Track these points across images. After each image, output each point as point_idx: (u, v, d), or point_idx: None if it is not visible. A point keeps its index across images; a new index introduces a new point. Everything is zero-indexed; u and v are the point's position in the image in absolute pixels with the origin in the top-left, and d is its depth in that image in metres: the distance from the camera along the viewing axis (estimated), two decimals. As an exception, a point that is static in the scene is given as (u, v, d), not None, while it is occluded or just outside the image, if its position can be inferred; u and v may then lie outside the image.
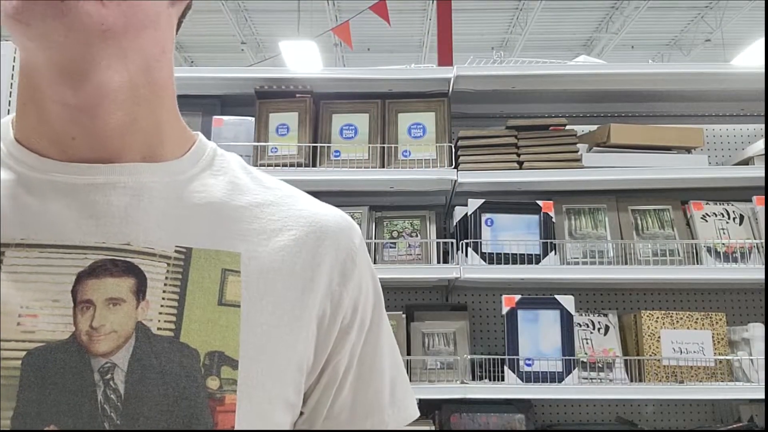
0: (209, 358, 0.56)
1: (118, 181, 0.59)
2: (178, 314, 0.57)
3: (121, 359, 0.54)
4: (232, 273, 0.60)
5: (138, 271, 0.57)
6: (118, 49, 0.56)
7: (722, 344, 2.17)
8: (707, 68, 2.39)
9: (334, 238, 0.66)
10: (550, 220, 2.25)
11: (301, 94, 2.37)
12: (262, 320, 0.60)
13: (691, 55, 10.49)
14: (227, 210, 0.63)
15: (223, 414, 0.56)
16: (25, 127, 0.60)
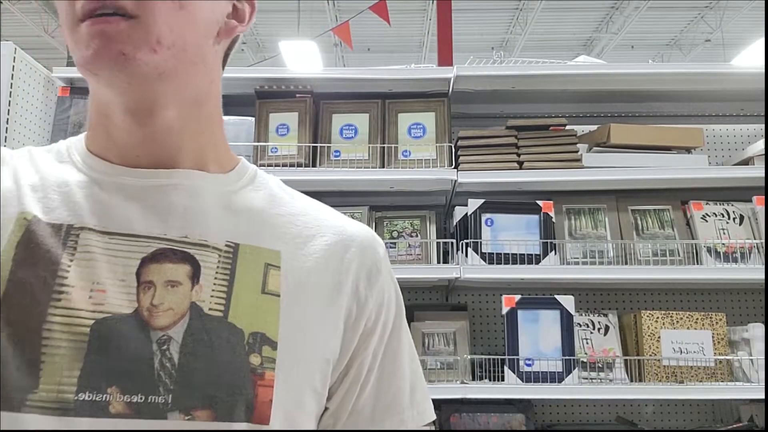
0: (252, 338, 0.64)
1: (178, 183, 0.69)
2: (226, 298, 0.65)
3: (176, 333, 0.62)
4: (273, 267, 0.69)
5: (193, 259, 0.65)
6: (174, 88, 0.66)
7: (722, 344, 2.17)
8: (707, 68, 2.39)
9: (360, 246, 0.75)
10: (550, 220, 2.25)
11: (301, 94, 2.37)
12: (297, 310, 0.68)
13: (691, 55, 10.49)
14: (267, 216, 0.72)
15: (263, 388, 0.63)
16: (96, 143, 0.70)
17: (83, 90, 2.37)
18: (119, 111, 0.66)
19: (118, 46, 0.61)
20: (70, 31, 0.62)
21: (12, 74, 2.12)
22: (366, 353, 0.73)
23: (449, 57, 5.61)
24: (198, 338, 0.62)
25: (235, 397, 0.61)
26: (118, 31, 0.60)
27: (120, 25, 0.60)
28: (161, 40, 0.62)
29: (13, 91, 2.11)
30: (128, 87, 0.64)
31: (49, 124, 2.31)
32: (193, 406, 0.60)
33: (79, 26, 0.61)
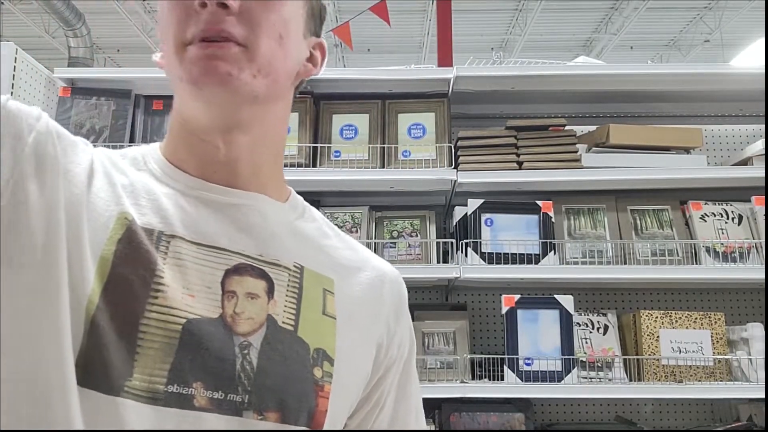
0: (316, 353, 0.71)
1: (252, 205, 0.75)
2: (296, 314, 0.72)
3: (255, 340, 0.68)
4: (329, 293, 0.76)
5: (268, 276, 0.72)
6: (260, 114, 0.73)
7: (721, 344, 2.18)
8: (706, 69, 2.39)
9: (391, 284, 0.84)
10: (550, 220, 2.25)
11: (301, 94, 2.37)
12: (348, 333, 0.76)
13: (690, 56, 10.49)
14: (320, 246, 0.80)
15: (322, 398, 0.70)
16: (175, 154, 0.75)
17: (84, 90, 2.38)
18: (207, 127, 0.72)
19: (227, 67, 0.67)
20: (176, 51, 0.68)
21: (13, 75, 2.12)
22: (388, 380, 0.81)
23: (449, 57, 5.61)
24: (273, 347, 0.69)
25: (301, 403, 0.68)
26: (229, 54, 0.67)
27: (231, 49, 0.68)
28: (261, 69, 0.70)
29: (14, 92, 2.12)
30: (224, 105, 0.70)
31: (50, 125, 2.31)
32: (266, 408, 0.67)
33: (187, 48, 0.68)
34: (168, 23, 0.69)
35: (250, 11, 0.69)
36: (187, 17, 0.68)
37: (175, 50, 0.69)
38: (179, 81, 0.69)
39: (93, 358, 0.61)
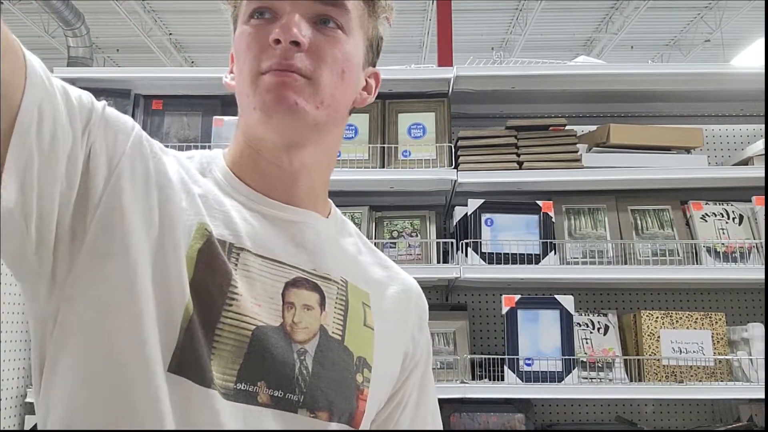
0: (358, 361, 0.81)
1: (307, 222, 0.83)
2: (343, 325, 0.81)
3: (310, 347, 0.77)
4: (367, 306, 0.85)
5: (320, 289, 0.80)
6: (318, 138, 0.81)
7: (722, 344, 2.18)
8: (707, 68, 2.39)
9: (416, 297, 0.93)
10: (550, 220, 2.25)
11: (301, 94, 2.37)
12: (383, 343, 0.84)
13: (690, 56, 10.48)
14: (358, 261, 0.89)
15: (361, 401, 0.80)
16: (239, 167, 0.83)
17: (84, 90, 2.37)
18: (272, 146, 0.80)
19: (294, 97, 0.75)
20: (251, 79, 0.76)
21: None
22: (410, 383, 0.90)
23: (449, 57, 5.61)
24: (325, 355, 0.77)
25: (346, 405, 0.77)
26: (297, 85, 0.75)
27: (299, 81, 0.75)
28: (324, 101, 0.77)
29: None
30: (288, 130, 0.78)
31: (50, 124, 2.31)
32: (317, 407, 0.75)
33: (261, 77, 0.75)
34: (246, 54, 0.77)
35: (318, 48, 0.77)
36: (263, 51, 0.76)
37: (250, 78, 0.76)
38: (252, 108, 0.77)
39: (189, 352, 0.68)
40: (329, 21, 0.78)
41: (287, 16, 0.76)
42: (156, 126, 2.40)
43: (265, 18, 0.77)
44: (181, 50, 11.11)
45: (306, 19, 0.77)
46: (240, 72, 0.79)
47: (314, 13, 0.77)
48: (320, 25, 0.78)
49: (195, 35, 10.53)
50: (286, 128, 0.77)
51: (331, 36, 0.78)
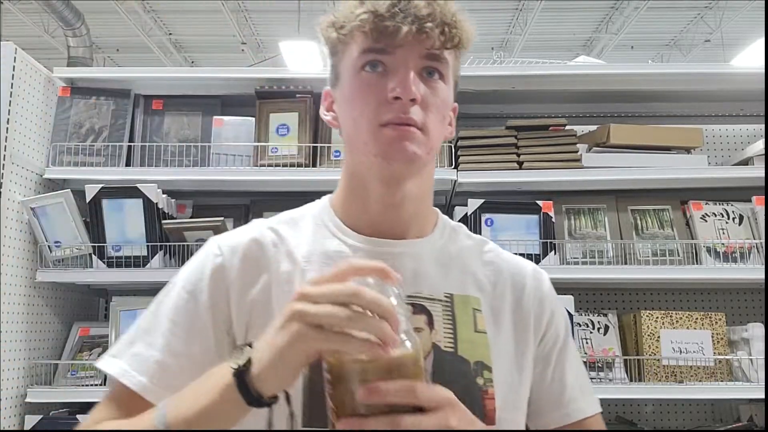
0: (476, 365, 0.88)
1: (406, 251, 0.93)
2: (454, 338, 0.89)
3: (428, 364, 0.85)
4: (478, 311, 0.92)
5: (427, 310, 0.90)
6: (419, 172, 0.91)
7: (722, 344, 2.17)
8: (707, 68, 2.39)
9: (533, 280, 0.99)
10: (550, 220, 2.25)
11: (301, 94, 2.37)
12: (499, 341, 0.92)
13: (690, 56, 10.48)
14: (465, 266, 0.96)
15: (488, 399, 0.87)
16: (349, 213, 0.95)
17: (83, 90, 2.37)
18: (379, 183, 0.90)
19: (413, 147, 0.86)
20: (370, 130, 0.86)
21: (12, 74, 2.12)
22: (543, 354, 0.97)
23: (449, 57, 5.61)
24: (443, 367, 0.86)
25: (473, 408, 0.80)
26: (415, 137, 0.86)
27: (416, 133, 0.86)
28: (432, 146, 0.89)
29: (13, 91, 2.12)
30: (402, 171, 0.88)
31: (50, 125, 2.31)
32: None
33: (382, 129, 0.86)
34: (363, 105, 0.87)
35: (427, 100, 0.87)
36: (381, 105, 0.86)
37: (369, 129, 0.87)
38: (372, 155, 0.87)
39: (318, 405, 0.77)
40: (434, 73, 0.89)
41: (402, 72, 0.85)
42: (156, 126, 2.40)
43: (377, 71, 0.87)
44: (181, 50, 11.11)
45: (416, 73, 0.86)
46: (355, 121, 0.89)
47: (421, 67, 0.87)
48: (426, 76, 0.88)
49: (195, 35, 10.52)
50: (400, 171, 0.88)
51: (435, 87, 0.89)
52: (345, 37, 0.89)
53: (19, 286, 2.12)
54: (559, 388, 0.98)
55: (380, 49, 0.86)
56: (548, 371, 0.97)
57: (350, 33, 0.88)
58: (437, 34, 0.85)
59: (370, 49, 0.87)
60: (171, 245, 2.20)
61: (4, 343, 2.02)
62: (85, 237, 2.20)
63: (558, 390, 0.97)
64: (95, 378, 2.17)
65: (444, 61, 0.89)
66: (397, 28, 0.84)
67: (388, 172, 0.88)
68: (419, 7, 0.85)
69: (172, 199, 2.33)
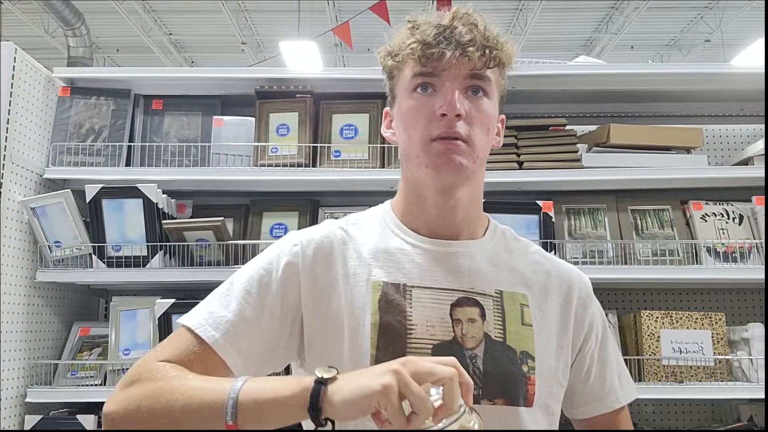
0: (521, 355, 1.01)
1: (461, 252, 1.06)
2: (503, 329, 1.02)
3: (479, 352, 0.99)
4: (525, 306, 1.05)
5: (479, 304, 1.02)
6: (469, 179, 1.03)
7: (722, 344, 2.17)
8: (707, 68, 2.39)
9: (577, 285, 1.11)
10: (550, 220, 2.25)
11: (301, 94, 2.37)
12: (543, 334, 1.04)
13: (690, 56, 10.48)
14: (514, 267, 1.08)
15: (530, 385, 1.00)
16: (409, 216, 1.09)
17: (83, 90, 2.37)
18: (433, 192, 1.03)
19: (460, 158, 0.98)
20: (422, 144, 1.00)
21: (12, 74, 2.12)
22: (585, 355, 1.09)
23: (449, 57, 5.61)
24: (491, 355, 0.99)
25: (518, 391, 0.99)
26: (461, 150, 0.98)
27: (461, 146, 0.98)
28: (477, 156, 1.01)
29: (13, 91, 2.12)
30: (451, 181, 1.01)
31: (50, 124, 2.31)
32: (494, 397, 0.98)
33: (432, 143, 0.99)
34: (415, 123, 1.01)
35: (471, 115, 0.99)
36: (430, 121, 0.99)
37: (421, 143, 1.00)
38: (424, 167, 1.01)
39: None
40: (478, 91, 1.01)
41: (448, 91, 0.98)
42: (156, 126, 2.40)
43: (427, 92, 1.00)
44: (181, 50, 11.11)
45: (461, 92, 0.99)
46: (409, 136, 1.02)
47: (466, 86, 1.00)
48: (470, 94, 1.00)
49: (195, 35, 10.52)
50: (450, 180, 1.01)
51: (479, 103, 1.01)
52: (399, 64, 1.04)
53: (19, 286, 2.12)
54: (600, 382, 1.11)
55: (428, 72, 1.00)
56: (593, 368, 1.10)
57: (403, 60, 1.03)
58: (478, 56, 0.99)
59: (419, 73, 1.01)
60: (171, 245, 2.20)
61: (4, 343, 2.02)
62: (85, 237, 2.20)
63: (599, 384, 1.11)
64: (95, 378, 2.17)
65: (487, 79, 1.01)
66: (442, 54, 0.97)
67: (440, 183, 1.01)
68: (462, 34, 0.99)
69: (172, 199, 2.33)
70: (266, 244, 2.27)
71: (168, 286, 2.33)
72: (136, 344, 2.19)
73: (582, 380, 1.10)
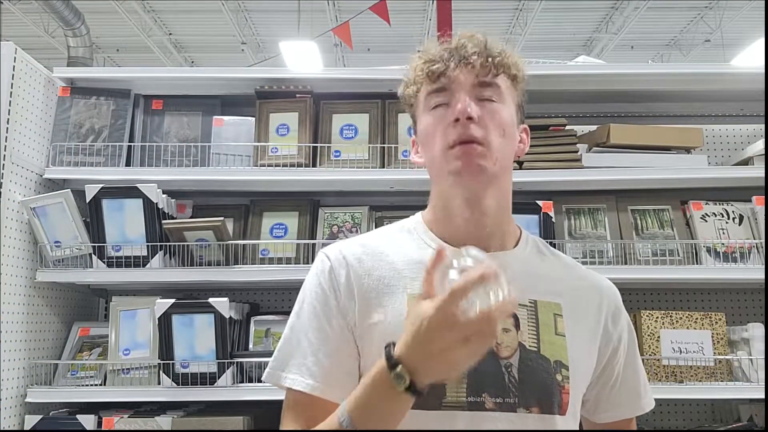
0: (556, 364, 1.03)
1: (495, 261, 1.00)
2: (537, 339, 1.04)
3: (514, 360, 1.01)
4: (559, 316, 1.07)
5: (514, 314, 1.02)
6: (495, 185, 1.06)
7: (722, 344, 2.17)
8: (707, 68, 2.39)
9: (607, 296, 1.14)
10: (550, 220, 2.25)
11: (301, 94, 2.37)
12: (576, 344, 1.06)
13: (690, 56, 10.48)
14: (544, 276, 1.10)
15: (564, 394, 1.03)
16: (437, 225, 1.12)
17: (83, 90, 2.37)
18: (461, 201, 1.06)
19: (478, 160, 1.02)
20: (442, 152, 1.04)
21: (12, 74, 2.12)
22: (613, 365, 1.13)
23: (449, 57, 5.60)
24: (526, 364, 1.01)
25: (553, 399, 1.01)
26: (478, 153, 1.02)
27: (478, 149, 1.02)
28: (496, 159, 1.04)
29: (13, 91, 2.12)
30: (473, 184, 1.04)
31: (50, 124, 2.31)
32: (531, 405, 1.00)
33: (450, 151, 1.03)
34: (434, 135, 1.05)
35: (484, 118, 1.03)
36: (447, 129, 1.03)
37: (441, 152, 1.04)
38: (447, 173, 1.04)
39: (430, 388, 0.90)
40: (489, 97, 1.06)
41: (458, 100, 1.03)
42: (156, 126, 2.40)
43: (442, 107, 1.05)
44: (181, 50, 11.11)
45: (472, 99, 1.03)
46: (431, 149, 1.07)
47: (476, 95, 1.05)
48: (482, 102, 1.05)
49: (195, 35, 10.52)
50: (472, 183, 1.03)
51: (491, 108, 1.05)
52: (414, 91, 1.11)
53: (19, 286, 2.12)
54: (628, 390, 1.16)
55: (439, 88, 1.06)
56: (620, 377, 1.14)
57: (416, 84, 1.10)
58: (481, 63, 1.05)
59: (432, 91, 1.07)
60: (171, 245, 2.20)
61: (4, 343, 2.02)
62: (85, 237, 2.20)
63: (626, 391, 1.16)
64: (95, 378, 2.18)
65: (495, 86, 1.07)
66: (447, 67, 1.05)
67: (465, 191, 1.05)
68: (466, 48, 1.06)
69: (172, 199, 2.33)
70: (266, 244, 2.31)
71: (168, 286, 2.33)
72: (136, 344, 2.19)
73: (609, 388, 1.14)
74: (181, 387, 2.09)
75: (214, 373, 2.09)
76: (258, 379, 2.10)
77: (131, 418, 2.09)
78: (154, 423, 2.06)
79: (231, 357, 2.12)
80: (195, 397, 2.12)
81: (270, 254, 2.30)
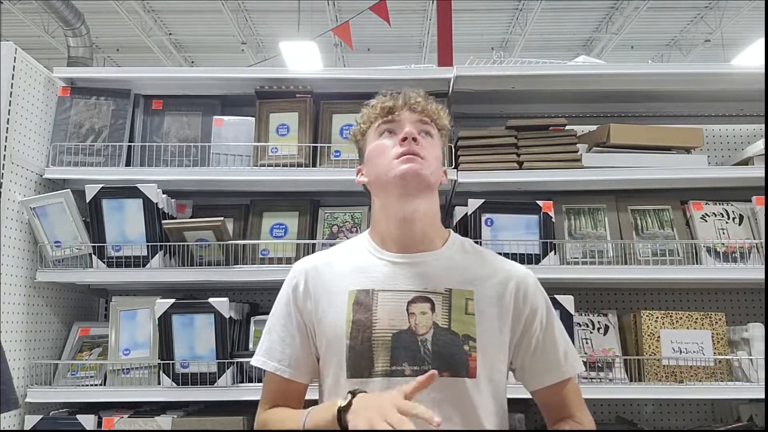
0: (464, 337, 1.32)
1: (418, 261, 1.37)
2: (449, 318, 1.33)
3: (428, 336, 1.31)
4: (470, 300, 1.35)
5: (431, 300, 1.34)
6: (427, 194, 1.37)
7: (722, 344, 2.17)
8: (707, 68, 2.39)
9: (518, 281, 1.39)
10: (550, 220, 2.25)
11: (301, 94, 2.37)
12: (484, 321, 1.34)
13: (690, 56, 10.48)
14: (465, 269, 1.39)
15: (472, 361, 1.31)
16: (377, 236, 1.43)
17: (83, 90, 2.37)
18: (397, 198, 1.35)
19: (418, 167, 1.32)
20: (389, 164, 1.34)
21: (12, 74, 2.12)
22: (530, 337, 1.37)
23: (449, 57, 5.60)
24: (439, 338, 1.31)
25: (461, 365, 1.30)
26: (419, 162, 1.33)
27: (419, 160, 1.33)
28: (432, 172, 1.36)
29: (13, 91, 2.12)
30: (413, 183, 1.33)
31: (50, 124, 2.31)
32: (443, 370, 1.26)
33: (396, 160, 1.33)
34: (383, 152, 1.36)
35: (423, 144, 1.36)
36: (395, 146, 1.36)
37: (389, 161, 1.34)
38: (392, 177, 1.33)
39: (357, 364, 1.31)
40: (427, 133, 1.39)
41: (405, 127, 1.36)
42: (156, 126, 2.40)
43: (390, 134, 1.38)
44: (181, 50, 11.11)
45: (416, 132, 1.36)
46: (378, 165, 1.36)
47: (419, 129, 1.38)
48: (423, 135, 1.38)
49: (195, 35, 10.52)
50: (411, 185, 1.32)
51: (428, 140, 1.39)
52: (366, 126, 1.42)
53: (19, 286, 2.12)
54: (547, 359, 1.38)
55: (389, 120, 1.39)
56: (539, 348, 1.37)
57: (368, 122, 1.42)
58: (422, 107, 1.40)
59: (383, 122, 1.39)
60: (171, 245, 2.20)
61: (4, 343, 2.01)
62: (85, 237, 2.20)
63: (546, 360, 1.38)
64: (95, 378, 2.17)
65: (431, 126, 1.40)
66: (396, 105, 1.39)
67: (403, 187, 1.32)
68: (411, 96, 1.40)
69: (172, 199, 2.33)
70: (266, 244, 2.31)
71: (168, 286, 2.33)
72: (136, 344, 2.19)
73: (531, 356, 1.38)
74: (181, 387, 2.09)
75: (214, 373, 2.09)
76: (258, 379, 2.10)
77: (131, 418, 2.09)
78: (154, 423, 2.06)
79: (231, 357, 2.12)
80: (195, 397, 2.12)
81: (270, 254, 2.30)
